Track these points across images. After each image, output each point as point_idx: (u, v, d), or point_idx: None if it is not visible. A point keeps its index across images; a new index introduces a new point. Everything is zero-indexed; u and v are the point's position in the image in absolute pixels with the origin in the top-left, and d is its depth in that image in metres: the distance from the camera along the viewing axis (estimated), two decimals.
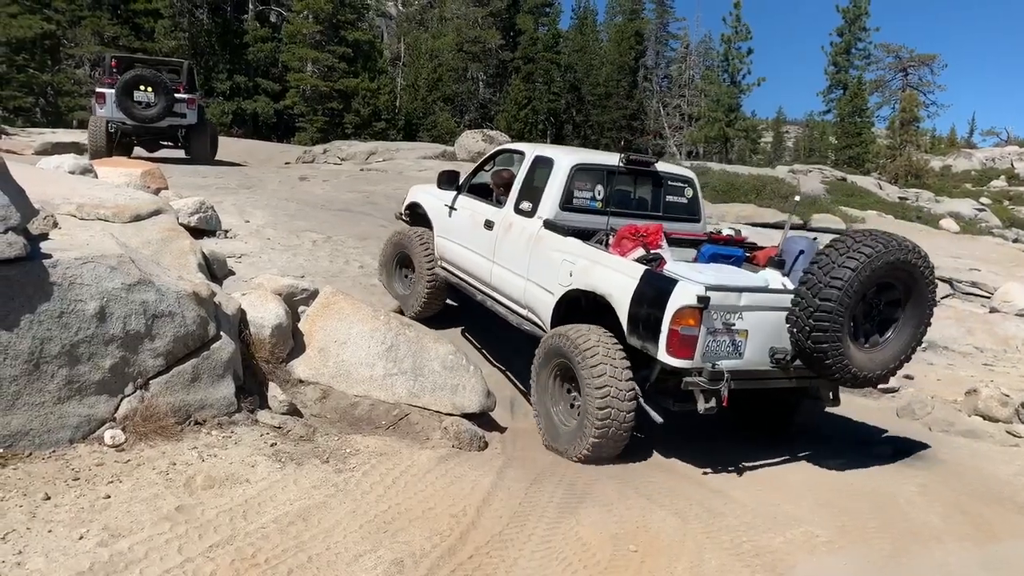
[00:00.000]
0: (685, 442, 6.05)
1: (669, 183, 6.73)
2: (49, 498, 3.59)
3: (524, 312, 6.33)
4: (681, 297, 4.70)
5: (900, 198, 25.19)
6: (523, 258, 6.22)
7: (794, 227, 6.37)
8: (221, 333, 4.89)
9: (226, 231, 8.57)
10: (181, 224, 7.16)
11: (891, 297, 5.14)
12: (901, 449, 6.46)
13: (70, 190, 6.61)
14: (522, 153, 6.92)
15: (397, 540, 3.77)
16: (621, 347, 5.18)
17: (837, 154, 43.24)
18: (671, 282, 4.83)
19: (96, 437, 4.21)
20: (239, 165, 15.55)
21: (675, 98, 53.10)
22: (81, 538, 3.32)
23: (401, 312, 7.47)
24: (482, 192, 7.32)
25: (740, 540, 4.40)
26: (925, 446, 6.58)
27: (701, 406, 4.91)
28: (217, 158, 15.29)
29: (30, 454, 3.95)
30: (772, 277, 5.51)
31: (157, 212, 6.66)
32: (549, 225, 6.03)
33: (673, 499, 4.89)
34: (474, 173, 7.52)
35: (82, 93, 31.51)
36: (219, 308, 5.05)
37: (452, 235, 7.34)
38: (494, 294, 6.74)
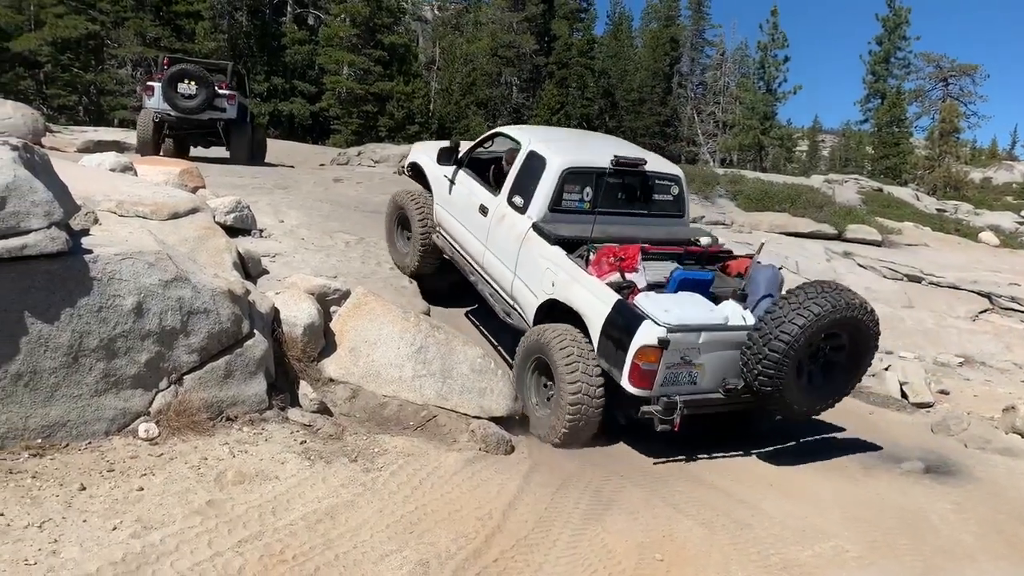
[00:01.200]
0: (709, 452, 6.01)
1: (657, 181, 6.93)
2: (84, 488, 3.67)
3: (509, 301, 6.67)
4: (644, 337, 5.19)
5: (938, 210, 24.74)
6: (512, 253, 6.51)
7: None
8: (254, 331, 4.95)
9: (261, 230, 8.66)
10: (217, 223, 7.25)
11: (837, 344, 5.59)
12: (934, 465, 6.34)
13: (111, 187, 6.74)
14: (517, 141, 7.06)
15: (423, 541, 3.79)
16: (593, 349, 5.61)
17: (874, 164, 42.57)
18: (638, 319, 5.29)
19: (131, 430, 4.29)
20: (276, 166, 15.77)
21: (709, 105, 52.72)
22: (115, 529, 3.39)
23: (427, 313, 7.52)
24: (478, 167, 7.51)
25: (768, 553, 4.36)
26: (960, 463, 6.46)
27: (657, 427, 5.35)
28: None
29: (67, 445, 4.04)
30: (733, 311, 5.72)
31: (194, 210, 6.76)
32: (537, 229, 6.29)
33: (700, 509, 4.86)
34: (471, 150, 7.65)
35: (124, 93, 32.14)
36: (253, 306, 5.12)
37: (450, 207, 7.58)
38: (484, 275, 7.07)
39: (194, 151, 15.02)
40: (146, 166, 9.44)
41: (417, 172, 8.41)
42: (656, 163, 7.12)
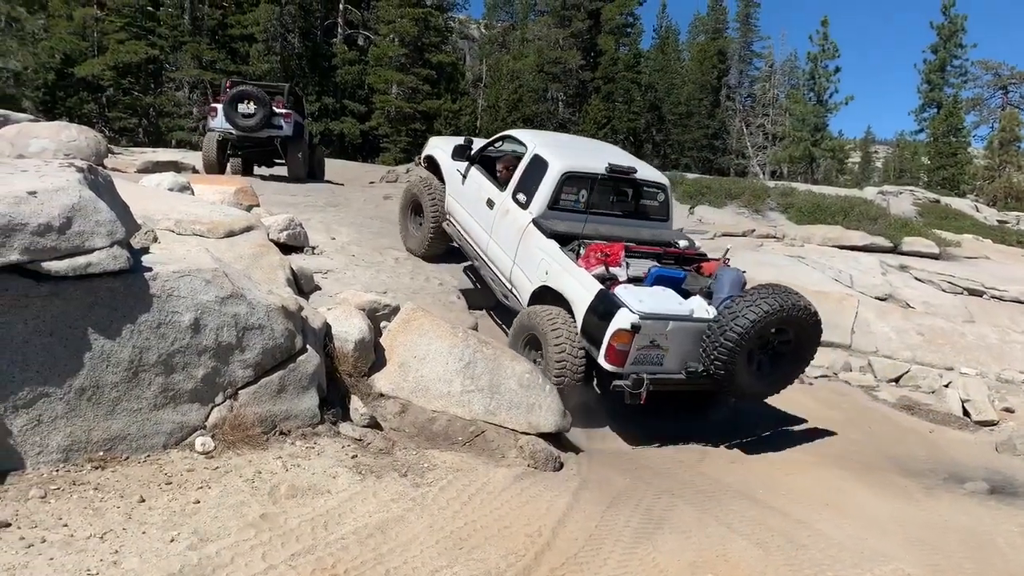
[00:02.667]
0: (767, 471, 5.89)
1: (645, 188, 7.79)
2: (144, 501, 3.75)
3: (508, 285, 7.49)
4: (619, 322, 5.98)
5: (999, 221, 23.98)
6: (513, 244, 7.33)
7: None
8: (307, 346, 5.02)
9: (313, 247, 8.83)
10: (271, 240, 7.41)
11: (785, 338, 6.37)
12: (1000, 486, 6.12)
13: (169, 206, 6.94)
14: (524, 145, 7.85)
15: (473, 557, 3.79)
16: (577, 330, 6.37)
17: (930, 175, 41.47)
18: (616, 306, 6.07)
19: (188, 444, 4.38)
20: (330, 182, 16.11)
21: (758, 117, 52.11)
22: (172, 540, 3.46)
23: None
24: (488, 165, 8.30)
25: (825, 575, 4.24)
26: None
27: (627, 400, 6.07)
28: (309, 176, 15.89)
29: (127, 458, 4.14)
30: (698, 305, 6.44)
31: (249, 228, 6.92)
32: (537, 224, 7.09)
33: (754, 528, 4.76)
34: (483, 149, 8.45)
35: (181, 114, 33.15)
36: (306, 322, 5.20)
37: (460, 199, 8.41)
38: (487, 263, 7.87)
39: (257, 170, 15.78)
40: (202, 185, 9.70)
41: (432, 164, 9.14)
42: (645, 172, 7.92)
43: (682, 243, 7.53)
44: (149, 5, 32.87)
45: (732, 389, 6.40)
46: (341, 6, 37.44)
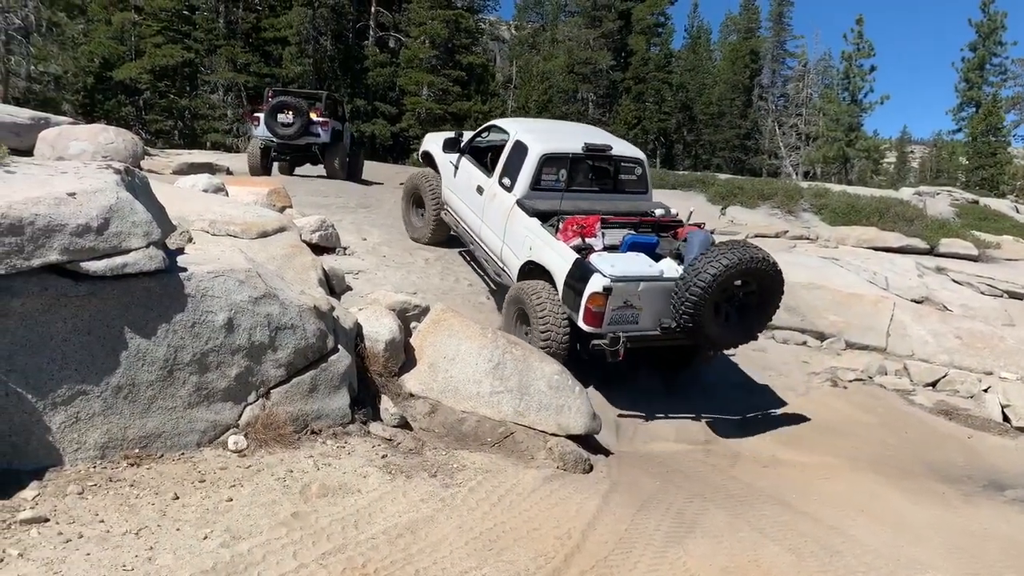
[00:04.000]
0: (800, 476, 5.81)
1: (622, 164, 8.27)
2: (178, 498, 3.80)
3: (500, 264, 8.06)
4: (593, 285, 6.50)
5: None
6: (501, 225, 7.92)
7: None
8: (339, 346, 5.06)
9: (345, 248, 8.90)
10: (303, 241, 7.47)
11: (749, 289, 6.79)
12: None
13: (204, 207, 7.03)
14: (507, 133, 8.44)
15: (502, 559, 3.78)
16: (559, 299, 6.89)
17: (968, 175, 40.61)
18: (590, 272, 6.59)
19: (221, 442, 4.43)
20: (366, 182, 16.32)
21: (791, 117, 51.45)
22: (205, 538, 3.50)
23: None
24: (477, 154, 8.91)
25: None
26: None
27: (608, 359, 6.56)
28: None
29: (162, 455, 4.20)
30: (669, 267, 6.98)
31: (282, 229, 6.98)
32: (520, 204, 7.65)
33: (787, 534, 4.69)
34: (471, 140, 9.10)
35: (215, 117, 33.60)
36: (337, 322, 5.24)
37: (454, 188, 9.07)
38: (481, 244, 8.46)
39: (300, 169, 16.56)
40: (236, 187, 9.81)
41: (428, 159, 9.82)
42: (621, 148, 8.45)
43: (658, 212, 8.06)
44: (185, 9, 33.36)
45: (704, 340, 6.83)
46: (373, 9, 37.70)
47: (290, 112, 14.80)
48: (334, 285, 7.01)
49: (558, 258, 6.99)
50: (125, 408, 4.12)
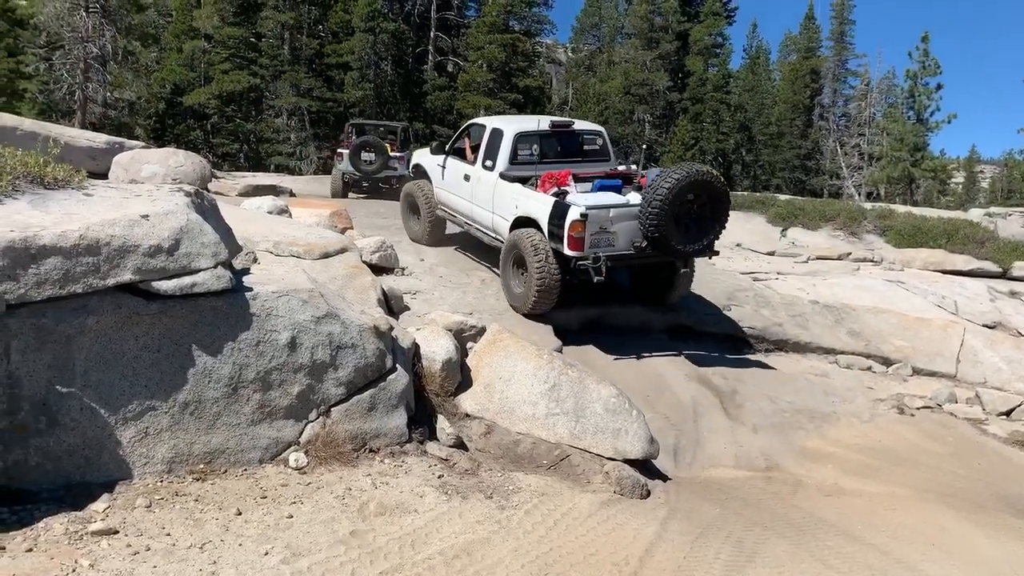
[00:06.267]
0: (865, 506, 5.61)
1: (584, 136, 9.82)
2: (240, 513, 3.88)
3: (492, 234, 9.22)
4: (572, 215, 7.65)
5: None
6: (489, 199, 9.15)
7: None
8: (397, 365, 5.12)
9: (403, 268, 9.02)
10: (364, 261, 7.61)
11: (701, 202, 7.96)
12: None
13: (268, 228, 7.22)
14: (484, 126, 9.87)
15: None
16: (546, 239, 8.02)
17: None
18: (567, 207, 7.78)
19: (282, 459, 4.52)
20: None
21: (854, 137, 50.26)
22: (266, 554, 3.56)
23: None
24: (459, 152, 10.16)
25: None
26: None
27: (593, 278, 7.69)
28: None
29: (225, 471, 4.30)
30: (634, 197, 8.11)
31: (343, 250, 7.13)
32: (503, 176, 8.93)
33: (852, 566, 4.54)
34: (454, 141, 10.35)
35: (280, 140, 34.52)
36: (395, 341, 5.30)
37: (444, 186, 10.25)
38: (474, 223, 9.66)
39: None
40: (299, 209, 10.07)
41: (418, 170, 10.99)
42: (582, 124, 10.41)
43: (621, 167, 9.54)
44: (251, 37, 34.50)
45: (671, 251, 7.94)
46: (432, 34, 38.40)
47: (372, 151, 16.55)
48: (392, 305, 7.10)
49: (541, 204, 8.18)
50: (191, 424, 4.24)
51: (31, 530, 3.47)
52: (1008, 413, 8.57)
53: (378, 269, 8.31)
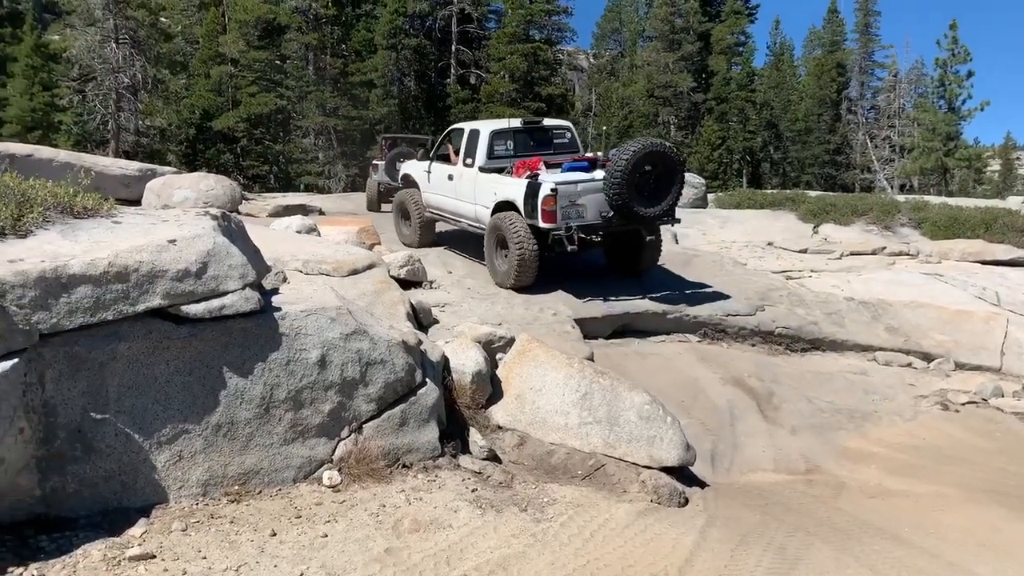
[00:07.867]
0: (912, 508, 5.46)
1: (554, 131, 10.93)
2: (275, 534, 3.89)
3: (477, 224, 10.13)
4: (544, 190, 8.70)
5: None
6: (471, 192, 10.15)
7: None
8: (427, 379, 5.11)
9: (431, 282, 9.04)
10: (392, 276, 7.63)
11: (658, 172, 9.00)
12: None
13: (297, 247, 7.28)
14: (463, 129, 10.80)
15: None
16: (522, 215, 9.01)
17: None
18: (539, 184, 8.82)
19: (315, 477, 4.52)
20: None
21: (883, 129, 49.53)
22: (302, 575, 3.55)
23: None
24: (443, 159, 11.14)
25: None
26: None
27: (568, 248, 8.71)
28: None
29: (259, 491, 4.32)
30: (599, 174, 9.07)
31: (371, 266, 7.16)
32: (482, 170, 10.02)
33: (900, 571, 4.41)
34: (438, 147, 11.48)
35: (308, 160, 34.94)
36: (425, 355, 5.29)
37: (431, 189, 11.23)
38: (459, 218, 10.65)
39: None
40: (328, 226, 10.17)
41: (408, 180, 11.91)
42: (551, 121, 11.47)
43: (589, 154, 10.42)
44: (276, 60, 35.03)
45: (635, 217, 8.88)
46: (453, 47, 38.68)
47: (405, 161, 16.54)
48: (421, 319, 7.11)
49: (516, 187, 9.18)
50: (225, 446, 4.26)
51: (70, 557, 3.50)
52: None
53: (406, 283, 8.34)
